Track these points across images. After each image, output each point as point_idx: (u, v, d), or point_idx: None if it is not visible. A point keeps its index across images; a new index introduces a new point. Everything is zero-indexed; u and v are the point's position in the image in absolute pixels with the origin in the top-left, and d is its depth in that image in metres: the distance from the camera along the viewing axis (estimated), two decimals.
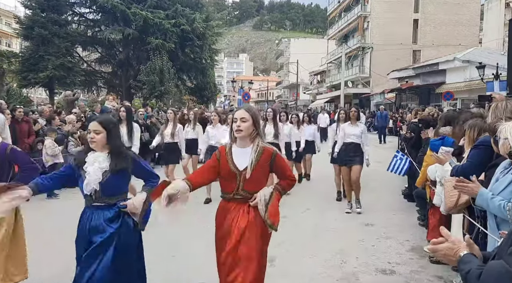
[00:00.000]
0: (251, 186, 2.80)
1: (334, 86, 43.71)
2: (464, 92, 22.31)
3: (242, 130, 2.76)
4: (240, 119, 2.77)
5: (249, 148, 2.81)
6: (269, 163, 2.82)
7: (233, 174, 2.80)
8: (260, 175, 2.82)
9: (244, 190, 2.80)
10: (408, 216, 6.66)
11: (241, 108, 2.89)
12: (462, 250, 1.36)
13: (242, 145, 2.84)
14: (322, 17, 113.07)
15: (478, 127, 3.42)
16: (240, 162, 2.80)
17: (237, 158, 2.82)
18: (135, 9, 24.91)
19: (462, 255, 1.34)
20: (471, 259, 1.33)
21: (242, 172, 2.78)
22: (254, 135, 2.83)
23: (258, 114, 2.85)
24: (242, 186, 2.79)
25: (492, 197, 2.39)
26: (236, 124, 2.77)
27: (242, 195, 2.80)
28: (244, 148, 2.83)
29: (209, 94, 31.69)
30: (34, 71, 21.97)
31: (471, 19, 38.12)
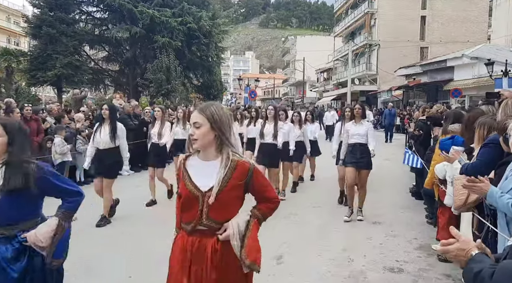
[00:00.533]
0: (219, 213, 2.09)
1: (341, 83, 43.55)
2: (472, 89, 22.11)
3: (196, 139, 2.08)
4: (193, 125, 2.09)
5: (216, 161, 2.12)
6: (244, 181, 2.11)
7: (193, 198, 2.09)
8: (231, 198, 2.11)
9: (210, 219, 2.08)
10: (416, 213, 6.64)
11: (196, 109, 2.18)
12: (474, 250, 1.33)
13: (206, 157, 2.15)
14: (328, 14, 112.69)
15: (488, 125, 3.39)
16: (203, 180, 2.10)
17: (199, 174, 2.13)
18: (142, 7, 24.97)
19: (473, 254, 1.32)
20: (483, 259, 1.30)
21: (206, 194, 2.08)
22: (219, 144, 2.12)
23: (223, 114, 2.12)
24: (206, 213, 2.07)
25: (501, 195, 2.38)
26: (190, 132, 2.12)
27: (207, 226, 2.09)
28: (209, 160, 2.14)
29: (215, 92, 31.70)
30: (42, 70, 22.11)
31: (480, 15, 37.72)
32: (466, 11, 37.08)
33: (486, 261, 1.28)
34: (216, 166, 2.10)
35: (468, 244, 1.35)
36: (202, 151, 2.15)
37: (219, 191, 2.05)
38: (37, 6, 23.53)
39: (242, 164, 2.12)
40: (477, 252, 1.32)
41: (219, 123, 2.08)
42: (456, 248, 1.35)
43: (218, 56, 31.78)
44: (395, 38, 36.32)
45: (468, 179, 2.64)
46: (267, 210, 2.24)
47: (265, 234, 5.55)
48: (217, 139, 2.10)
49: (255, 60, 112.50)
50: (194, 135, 2.08)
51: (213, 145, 2.11)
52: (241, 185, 2.11)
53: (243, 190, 2.16)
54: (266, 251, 4.83)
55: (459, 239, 1.37)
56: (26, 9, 32.10)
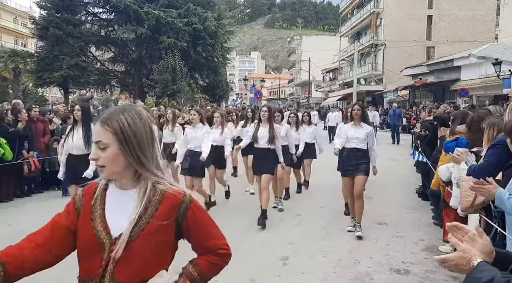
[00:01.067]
0: (132, 272, 1.38)
1: (347, 83, 43.42)
2: (479, 89, 21.95)
3: (103, 166, 1.41)
4: (97, 146, 1.42)
5: (134, 190, 1.45)
6: (174, 220, 1.43)
7: (96, 245, 1.40)
8: (153, 246, 1.40)
9: (115, 280, 1.37)
10: (423, 214, 6.60)
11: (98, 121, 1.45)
12: (476, 258, 1.25)
13: (121, 185, 1.48)
14: (334, 15, 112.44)
15: (497, 126, 3.36)
16: (116, 219, 1.42)
17: (113, 209, 1.45)
18: (148, 8, 25.07)
19: (476, 264, 1.24)
20: (488, 267, 1.23)
21: (115, 241, 1.39)
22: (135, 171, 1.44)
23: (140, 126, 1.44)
24: (111, 271, 1.37)
25: (509, 197, 2.36)
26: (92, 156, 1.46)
27: None
28: (126, 189, 1.47)
29: (221, 93, 31.77)
30: (49, 71, 22.26)
31: (487, 14, 37.42)
32: (473, 10, 36.82)
33: (493, 270, 1.20)
34: (133, 199, 1.43)
35: (469, 251, 1.27)
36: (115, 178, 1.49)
37: (132, 236, 1.38)
38: (44, 7, 23.70)
39: (171, 196, 1.43)
40: (480, 260, 1.24)
41: (132, 140, 1.40)
42: (456, 257, 1.28)
43: (224, 57, 31.83)
44: (401, 38, 36.15)
45: (475, 181, 2.61)
46: (208, 266, 1.49)
47: (271, 234, 5.57)
48: (129, 162, 1.42)
49: (261, 61, 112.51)
50: (99, 159, 1.41)
51: (129, 171, 1.44)
52: (169, 226, 1.42)
53: (174, 234, 1.45)
54: (272, 252, 4.86)
55: (458, 247, 1.30)
56: (33, 11, 32.35)
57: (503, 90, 15.97)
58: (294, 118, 7.86)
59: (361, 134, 5.59)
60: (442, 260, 1.30)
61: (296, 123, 7.84)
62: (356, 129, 5.63)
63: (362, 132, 5.60)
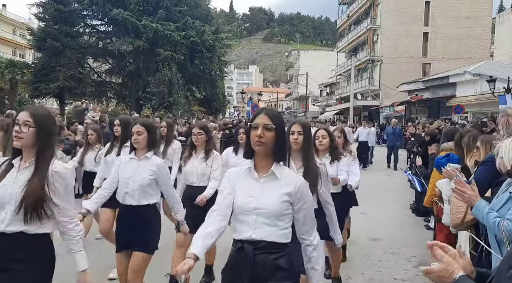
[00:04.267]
0: None
1: (344, 98, 43.64)
2: (475, 106, 22.07)
3: None
4: None
5: None
6: None
7: None
8: None
9: None
10: (416, 230, 6.55)
11: None
12: (457, 272, 1.30)
13: None
14: (331, 30, 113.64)
15: (491, 142, 3.35)
16: None
17: None
18: (146, 21, 25.28)
19: (457, 277, 1.29)
20: (469, 282, 1.28)
21: None
22: None
23: None
24: None
25: (489, 212, 2.36)
26: None
27: None
28: None
29: (218, 106, 31.87)
30: (46, 82, 22.32)
31: (482, 32, 37.91)
32: (469, 28, 37.29)
33: None
34: None
35: (453, 265, 1.32)
36: None
37: None
38: (42, 19, 23.89)
39: None
40: (461, 274, 1.29)
41: None
42: (439, 269, 1.33)
43: (221, 70, 32.03)
44: (397, 54, 36.50)
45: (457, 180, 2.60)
46: None
47: None
48: None
49: (259, 74, 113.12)
50: None
51: None
52: None
53: None
54: None
55: (442, 259, 1.34)
56: (32, 22, 32.52)
57: (499, 106, 16.05)
58: (341, 139, 4.58)
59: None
60: (427, 271, 1.36)
61: None
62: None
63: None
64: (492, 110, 18.46)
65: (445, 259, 1.34)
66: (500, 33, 34.85)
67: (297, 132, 3.00)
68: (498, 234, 2.26)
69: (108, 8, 25.11)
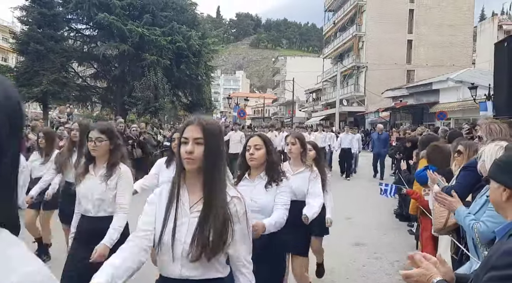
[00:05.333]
0: None
1: (330, 104, 43.97)
2: (457, 112, 22.46)
3: None
4: None
5: None
6: None
7: None
8: None
9: None
10: (400, 235, 6.61)
11: None
12: (435, 276, 1.32)
13: None
14: (318, 36, 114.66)
15: (473, 147, 3.41)
16: None
17: None
18: (131, 25, 25.10)
19: (435, 282, 1.31)
20: None
21: None
22: None
23: None
24: None
25: (466, 215, 2.40)
26: None
27: None
28: None
29: (204, 111, 31.74)
30: (29, 86, 21.94)
31: (465, 40, 38.74)
32: (452, 36, 38.07)
33: None
34: None
35: (431, 270, 1.33)
36: None
37: None
38: (25, 22, 23.53)
39: None
40: (439, 279, 1.31)
41: None
42: (418, 274, 1.34)
43: (208, 75, 31.97)
44: (382, 61, 37.00)
45: (438, 191, 2.65)
46: None
47: None
48: None
49: (246, 80, 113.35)
50: None
51: None
52: None
53: None
54: None
55: (421, 264, 1.36)
56: (15, 25, 32.06)
57: (480, 113, 16.35)
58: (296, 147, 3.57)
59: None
60: (406, 276, 1.38)
61: None
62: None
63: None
64: (474, 116, 18.80)
65: (423, 264, 1.36)
66: (481, 41, 35.61)
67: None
68: (472, 235, 2.31)
69: (93, 12, 24.87)
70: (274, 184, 2.74)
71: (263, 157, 2.76)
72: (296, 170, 3.48)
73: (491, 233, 2.07)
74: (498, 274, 1.16)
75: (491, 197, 1.53)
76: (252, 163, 2.76)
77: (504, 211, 1.46)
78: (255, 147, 2.75)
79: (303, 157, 3.49)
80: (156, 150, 12.45)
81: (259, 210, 2.66)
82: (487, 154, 2.40)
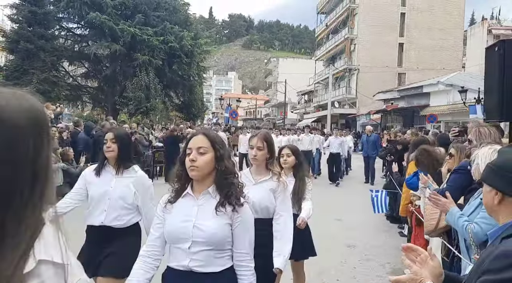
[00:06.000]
0: None
1: (321, 106, 44.14)
2: (447, 115, 22.68)
3: None
4: None
5: None
6: None
7: None
8: None
9: None
10: (390, 237, 6.64)
11: None
12: (425, 281, 1.32)
13: None
14: (310, 39, 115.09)
15: (464, 150, 3.44)
16: None
17: None
18: (123, 25, 24.94)
19: None
20: None
21: None
22: None
23: None
24: None
25: (460, 216, 2.42)
26: None
27: None
28: None
29: (196, 112, 31.69)
30: (18, 85, 21.24)
31: (455, 44, 39.18)
32: (442, 40, 38.47)
33: None
34: None
35: (420, 274, 1.34)
36: None
37: None
38: (15, 21, 23.24)
39: None
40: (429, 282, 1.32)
41: None
42: (408, 279, 1.35)
43: (200, 76, 31.89)
44: (374, 63, 37.25)
45: (433, 192, 2.67)
46: None
47: None
48: None
49: (238, 81, 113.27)
50: None
51: None
52: None
53: None
54: None
55: (410, 269, 1.36)
56: (5, 24, 31.64)
57: (469, 116, 16.54)
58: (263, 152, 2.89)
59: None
60: (396, 281, 1.38)
61: None
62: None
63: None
64: (463, 119, 19.01)
65: (413, 269, 1.36)
66: (471, 45, 36.06)
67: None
68: (466, 237, 2.33)
69: (85, 11, 24.66)
70: (230, 208, 1.91)
71: (209, 165, 1.92)
72: (258, 179, 2.80)
73: (485, 235, 2.09)
74: (491, 278, 1.17)
75: (484, 200, 1.54)
76: (193, 173, 1.90)
77: (496, 214, 1.47)
78: (198, 151, 1.90)
79: (270, 164, 2.82)
80: (147, 150, 12.38)
81: (204, 241, 1.88)
82: (481, 157, 2.41)
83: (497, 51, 3.47)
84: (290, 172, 3.45)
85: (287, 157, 3.46)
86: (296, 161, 3.47)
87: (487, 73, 3.81)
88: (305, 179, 3.48)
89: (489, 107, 3.78)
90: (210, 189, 1.95)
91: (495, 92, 3.51)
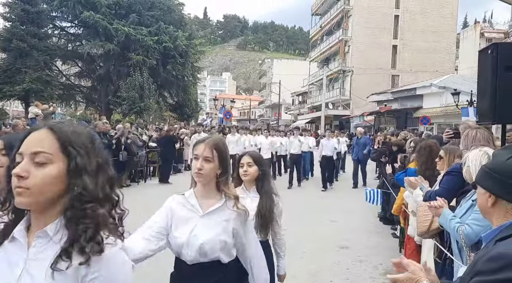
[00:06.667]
0: None
1: (315, 107, 44.24)
2: (440, 117, 22.84)
3: None
4: None
5: None
6: None
7: None
8: None
9: None
10: (383, 238, 6.66)
11: None
12: (422, 280, 1.33)
13: None
14: (304, 40, 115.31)
15: (455, 152, 3.46)
16: None
17: None
18: (117, 25, 24.85)
19: None
20: None
21: None
22: None
23: None
24: None
25: (452, 218, 2.44)
26: None
27: None
28: None
29: (190, 112, 31.64)
30: (10, 83, 21.51)
31: (448, 47, 39.48)
32: (435, 42, 38.74)
33: None
34: None
35: (418, 273, 1.35)
36: None
37: None
38: (8, 19, 23.06)
39: None
40: (426, 282, 1.32)
41: None
42: (405, 278, 1.35)
43: (194, 76, 31.87)
44: (367, 65, 37.40)
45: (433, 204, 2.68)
46: None
47: None
48: None
49: (232, 81, 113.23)
50: None
51: None
52: None
53: None
54: None
55: (408, 268, 1.37)
56: None
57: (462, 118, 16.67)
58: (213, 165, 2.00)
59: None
60: (393, 280, 1.39)
61: None
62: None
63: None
64: (456, 122, 19.13)
65: (411, 268, 1.36)
66: (464, 48, 36.32)
67: None
68: (458, 239, 2.34)
69: (79, 10, 24.54)
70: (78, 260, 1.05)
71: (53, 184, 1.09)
72: (207, 206, 1.98)
73: (476, 236, 2.11)
74: (484, 279, 1.18)
75: (478, 202, 1.55)
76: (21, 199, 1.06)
77: (490, 216, 1.48)
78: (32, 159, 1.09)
79: (223, 184, 2.00)
80: (141, 150, 12.32)
81: None
82: (471, 159, 2.43)
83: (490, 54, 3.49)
84: (252, 185, 2.75)
85: (247, 167, 2.70)
86: (259, 172, 2.72)
87: (479, 76, 3.83)
88: (272, 196, 2.75)
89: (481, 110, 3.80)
90: (50, 227, 1.10)
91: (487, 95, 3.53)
